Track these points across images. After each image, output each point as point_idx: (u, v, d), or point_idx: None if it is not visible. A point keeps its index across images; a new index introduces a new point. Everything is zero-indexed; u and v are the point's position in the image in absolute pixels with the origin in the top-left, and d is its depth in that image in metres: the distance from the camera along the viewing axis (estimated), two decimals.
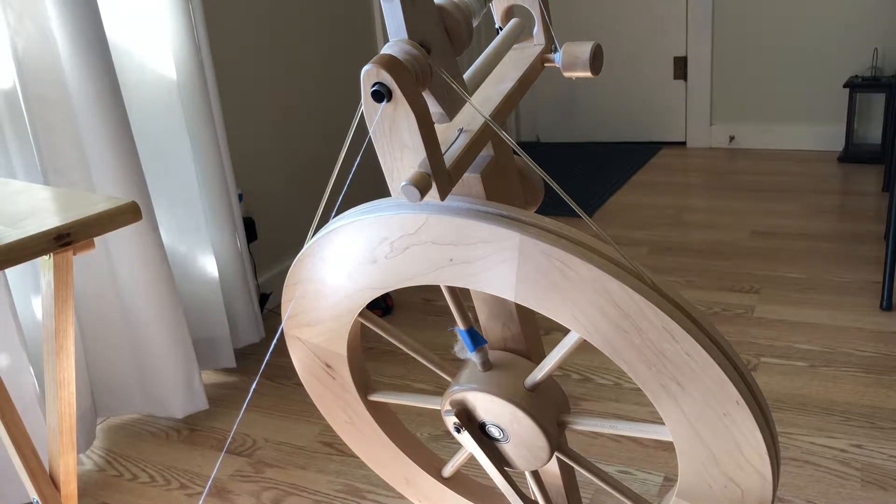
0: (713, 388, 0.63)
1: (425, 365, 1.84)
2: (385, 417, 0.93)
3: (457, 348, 0.82)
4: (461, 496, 0.96)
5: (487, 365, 0.80)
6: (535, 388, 0.78)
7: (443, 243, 0.67)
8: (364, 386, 0.88)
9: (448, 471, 0.95)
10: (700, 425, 0.66)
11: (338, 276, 0.75)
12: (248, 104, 2.20)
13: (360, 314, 0.79)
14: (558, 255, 0.62)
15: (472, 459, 0.86)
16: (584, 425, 0.81)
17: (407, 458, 0.94)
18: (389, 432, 0.92)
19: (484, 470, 0.84)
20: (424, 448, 0.97)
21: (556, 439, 0.79)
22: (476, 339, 0.78)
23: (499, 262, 0.65)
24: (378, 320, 0.83)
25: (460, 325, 0.78)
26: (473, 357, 0.79)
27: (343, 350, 0.83)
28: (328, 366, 0.85)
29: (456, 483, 0.97)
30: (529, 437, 0.79)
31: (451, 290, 0.76)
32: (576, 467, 0.84)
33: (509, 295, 0.67)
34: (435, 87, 0.64)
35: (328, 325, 0.81)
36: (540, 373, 0.77)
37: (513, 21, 0.82)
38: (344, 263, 0.74)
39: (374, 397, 0.89)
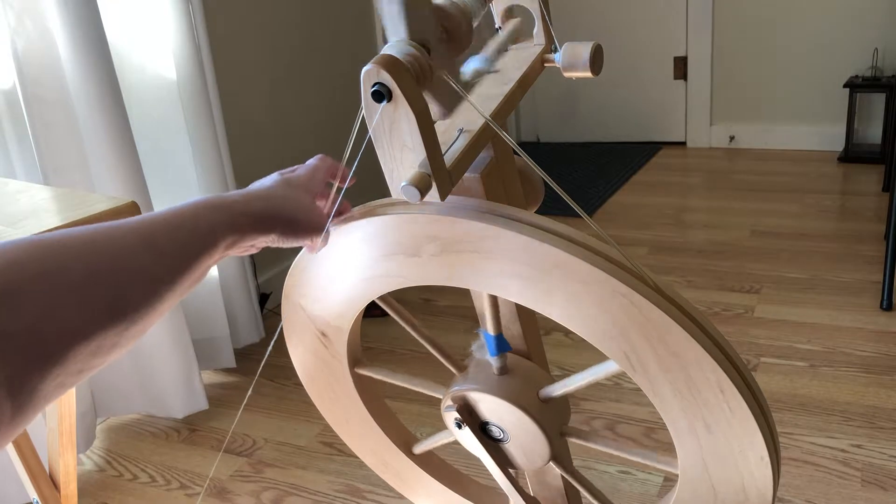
0: (743, 438, 0.64)
1: (427, 363, 1.84)
2: (367, 389, 0.92)
3: (475, 347, 0.82)
4: (429, 474, 0.97)
5: (504, 370, 0.79)
6: (548, 399, 0.78)
7: (505, 258, 0.65)
8: (354, 360, 0.88)
9: (419, 449, 0.95)
10: (713, 466, 0.68)
11: (370, 258, 0.73)
12: (248, 104, 2.19)
13: (382, 297, 0.78)
14: (633, 298, 0.62)
15: (448, 446, 0.85)
16: (590, 443, 0.81)
17: (378, 428, 0.93)
18: (367, 402, 0.92)
19: (464, 460, 0.84)
20: (398, 423, 0.97)
21: (557, 449, 0.80)
22: (502, 345, 0.78)
23: (571, 295, 0.64)
24: (398, 305, 0.82)
25: (490, 331, 0.77)
26: (493, 361, 0.79)
27: (346, 326, 0.81)
28: (324, 335, 0.84)
29: (424, 461, 0.97)
30: (532, 444, 0.79)
31: (493, 297, 0.75)
32: (564, 475, 0.84)
33: (584, 332, 0.66)
34: (435, 86, 0.64)
35: (340, 300, 0.79)
36: (561, 389, 0.77)
37: (513, 21, 0.82)
38: (381, 246, 0.72)
39: (362, 371, 0.88)
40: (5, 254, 0.45)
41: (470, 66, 0.73)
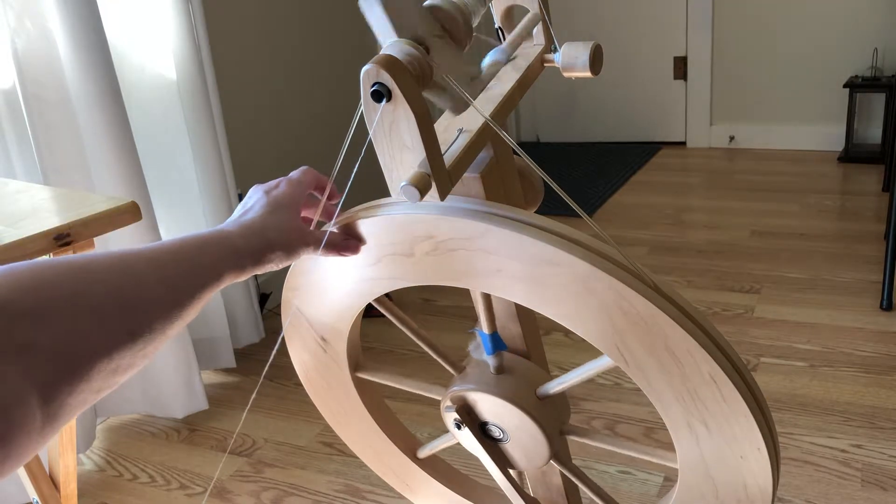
0: (739, 434, 0.64)
1: (427, 363, 1.84)
2: (369, 393, 0.91)
3: (471, 347, 0.82)
4: (434, 478, 0.96)
5: (501, 369, 0.79)
6: (546, 397, 0.78)
7: (499, 255, 0.65)
8: (355, 363, 0.87)
9: (423, 453, 0.95)
10: (712, 465, 0.68)
11: (366, 259, 0.73)
12: (248, 104, 2.19)
13: (378, 300, 0.78)
14: (629, 296, 0.62)
15: (452, 449, 0.85)
16: (590, 440, 0.81)
17: (382, 433, 0.93)
18: (369, 406, 0.91)
19: (463, 460, 0.84)
20: (402, 427, 0.97)
21: (557, 448, 0.80)
22: (497, 343, 0.78)
23: (568, 294, 0.64)
24: (394, 307, 0.82)
25: (485, 329, 0.77)
26: (489, 360, 0.79)
27: (345, 328, 0.81)
28: (323, 339, 0.84)
29: (428, 464, 0.97)
30: (532, 443, 0.79)
31: (486, 294, 0.75)
32: (566, 474, 0.84)
33: (577, 329, 0.66)
34: (435, 86, 0.64)
35: (338, 303, 0.79)
36: (558, 386, 0.77)
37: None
38: (376, 247, 0.72)
39: (363, 374, 0.88)
40: (39, 273, 0.49)
41: (487, 60, 0.74)
